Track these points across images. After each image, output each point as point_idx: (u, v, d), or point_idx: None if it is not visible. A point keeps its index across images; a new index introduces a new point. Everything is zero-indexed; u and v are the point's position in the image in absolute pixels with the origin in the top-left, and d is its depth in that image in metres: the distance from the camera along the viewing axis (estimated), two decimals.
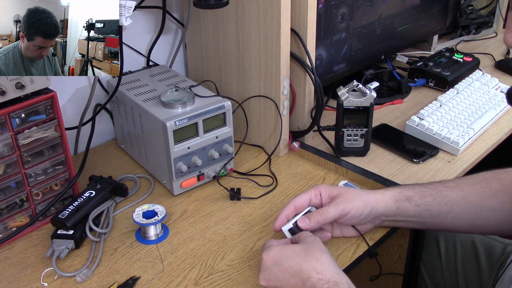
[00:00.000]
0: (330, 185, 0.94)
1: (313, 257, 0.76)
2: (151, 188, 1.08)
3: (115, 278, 0.87)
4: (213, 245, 0.94)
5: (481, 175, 0.94)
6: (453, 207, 0.90)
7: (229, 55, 1.18)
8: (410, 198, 0.89)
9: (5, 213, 0.93)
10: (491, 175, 0.93)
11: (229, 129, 1.06)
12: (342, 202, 0.87)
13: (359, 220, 0.88)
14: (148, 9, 1.25)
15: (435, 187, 0.91)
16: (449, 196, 0.90)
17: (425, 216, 0.90)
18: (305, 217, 0.86)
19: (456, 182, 0.93)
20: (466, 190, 0.91)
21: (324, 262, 0.75)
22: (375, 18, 1.32)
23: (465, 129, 1.20)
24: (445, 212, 0.90)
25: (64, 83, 1.15)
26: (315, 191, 0.91)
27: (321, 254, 0.76)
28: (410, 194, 0.90)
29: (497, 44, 1.76)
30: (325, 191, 0.90)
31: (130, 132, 1.14)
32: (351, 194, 0.89)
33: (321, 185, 0.92)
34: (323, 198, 0.90)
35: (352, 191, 0.90)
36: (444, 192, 0.90)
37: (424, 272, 1.14)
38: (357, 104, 1.09)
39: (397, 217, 0.90)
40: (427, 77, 1.45)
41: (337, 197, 0.88)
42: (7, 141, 0.89)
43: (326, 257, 0.76)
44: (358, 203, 0.87)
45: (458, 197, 0.90)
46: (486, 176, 0.93)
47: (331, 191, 0.90)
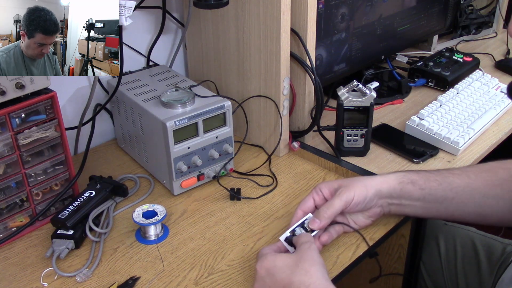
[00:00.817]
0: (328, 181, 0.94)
1: (302, 269, 0.75)
2: (151, 188, 1.08)
3: (115, 278, 0.87)
4: (213, 245, 0.94)
5: (488, 164, 0.94)
6: (458, 193, 0.89)
7: (229, 55, 1.18)
8: (415, 182, 0.89)
9: (5, 213, 0.93)
10: (498, 165, 0.93)
11: (229, 129, 1.06)
12: (344, 191, 0.87)
13: (365, 204, 0.88)
14: (148, 9, 1.25)
15: (441, 173, 0.91)
16: (454, 183, 0.90)
17: (430, 201, 0.89)
18: (314, 218, 0.86)
19: (463, 169, 0.93)
20: (472, 178, 0.90)
21: (313, 275, 0.75)
22: (375, 18, 1.32)
23: (465, 129, 1.20)
24: (450, 198, 0.89)
25: (64, 83, 1.15)
26: (315, 190, 0.91)
27: (310, 266, 0.76)
28: (414, 177, 0.90)
29: (497, 44, 1.76)
30: (325, 187, 0.91)
31: (130, 132, 1.14)
32: (352, 182, 0.90)
33: (321, 183, 0.92)
34: (325, 194, 0.90)
35: (352, 179, 0.91)
36: (450, 178, 0.90)
37: (424, 272, 1.14)
38: (357, 104, 1.09)
39: (402, 200, 0.90)
40: (427, 77, 1.45)
41: (338, 188, 0.89)
42: (7, 141, 0.89)
43: (316, 269, 0.76)
44: (360, 187, 0.88)
45: (463, 184, 0.90)
46: (493, 165, 0.93)
47: (331, 185, 0.91)
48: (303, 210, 0.90)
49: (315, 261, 0.77)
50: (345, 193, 0.87)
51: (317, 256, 0.78)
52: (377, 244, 0.94)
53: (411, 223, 1.03)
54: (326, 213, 0.86)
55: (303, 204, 0.91)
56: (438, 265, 1.11)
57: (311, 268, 0.75)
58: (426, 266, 1.13)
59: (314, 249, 0.79)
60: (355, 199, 0.87)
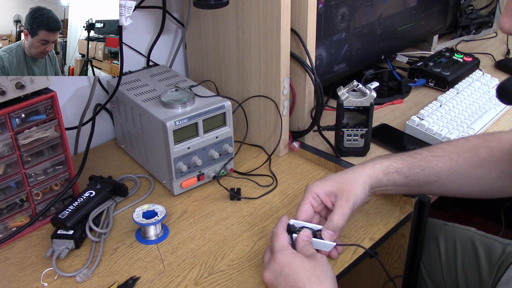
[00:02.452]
0: (319, 180, 0.90)
1: (318, 279, 0.76)
2: (151, 188, 1.08)
3: (115, 278, 0.87)
4: (213, 245, 0.94)
5: (471, 142, 0.95)
6: (441, 177, 0.92)
7: (229, 55, 1.18)
8: (399, 170, 0.91)
9: (5, 213, 0.93)
10: (481, 142, 0.94)
11: (229, 129, 1.06)
12: (348, 196, 0.86)
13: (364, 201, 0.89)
14: (148, 9, 1.25)
15: (424, 157, 0.93)
16: (437, 167, 0.92)
17: (413, 185, 0.93)
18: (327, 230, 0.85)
19: (446, 149, 0.94)
20: (455, 159, 0.92)
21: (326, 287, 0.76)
22: (375, 18, 1.32)
23: (465, 129, 1.20)
24: (432, 181, 0.92)
25: (64, 83, 1.15)
26: (311, 195, 0.89)
27: (325, 278, 0.76)
28: (399, 166, 0.91)
29: (497, 44, 1.76)
30: (321, 191, 0.88)
31: (130, 132, 1.14)
32: (348, 183, 0.87)
33: (312, 185, 0.89)
34: (322, 199, 0.89)
35: (345, 181, 0.88)
36: (433, 163, 0.92)
37: (424, 272, 1.13)
38: (357, 104, 1.09)
39: (388, 187, 0.92)
40: (427, 77, 1.45)
41: (337, 195, 0.87)
42: (7, 141, 0.89)
43: (329, 283, 0.76)
44: (359, 189, 0.87)
45: (447, 167, 0.92)
46: (475, 143, 0.95)
47: (326, 188, 0.88)
48: (303, 220, 0.88)
49: (329, 273, 0.78)
50: (351, 198, 0.86)
51: (330, 270, 0.79)
52: (377, 244, 0.94)
53: (411, 223, 1.03)
54: (339, 223, 0.85)
55: (302, 213, 0.88)
56: (438, 265, 1.11)
57: (326, 280, 0.76)
58: (426, 266, 1.13)
59: (327, 262, 0.79)
60: (359, 201, 0.87)
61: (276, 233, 0.83)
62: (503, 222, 1.70)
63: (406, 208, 1.01)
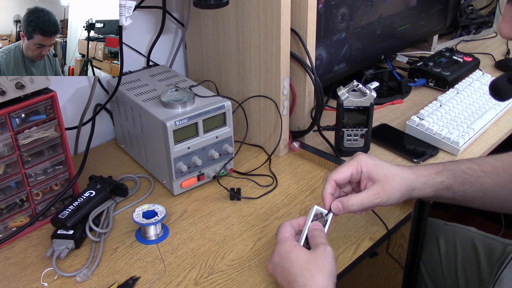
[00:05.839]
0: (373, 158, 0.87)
1: (310, 273, 0.75)
2: (151, 188, 1.08)
3: (115, 278, 0.87)
4: (213, 245, 0.94)
5: None
6: (487, 193, 0.91)
7: (229, 55, 1.18)
8: (450, 187, 0.89)
9: (5, 213, 0.93)
10: None
11: (229, 129, 1.06)
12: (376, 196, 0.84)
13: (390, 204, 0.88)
14: (148, 9, 1.25)
15: (475, 172, 0.90)
16: (486, 183, 0.90)
17: (458, 200, 0.92)
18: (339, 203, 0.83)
19: (493, 165, 0.92)
20: (502, 175, 0.91)
21: (316, 282, 0.74)
22: (375, 18, 1.32)
23: (465, 129, 1.20)
24: (478, 197, 0.91)
25: (64, 83, 1.15)
26: (358, 166, 0.86)
27: (318, 272, 0.75)
28: (451, 183, 0.89)
29: (497, 44, 1.76)
30: (365, 167, 0.86)
31: (130, 132, 1.14)
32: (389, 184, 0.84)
33: (363, 157, 0.87)
34: (363, 177, 0.86)
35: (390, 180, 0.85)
36: (482, 179, 0.90)
37: (424, 272, 1.14)
38: (357, 104, 1.09)
39: (429, 198, 0.91)
40: (427, 77, 1.45)
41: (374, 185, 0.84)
42: (7, 141, 0.89)
43: (322, 277, 0.75)
44: (395, 196, 0.84)
45: (493, 183, 0.91)
46: None
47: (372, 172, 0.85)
48: (337, 180, 0.86)
49: (325, 268, 0.76)
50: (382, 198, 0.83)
51: (329, 262, 0.77)
52: (377, 244, 0.94)
53: (411, 223, 1.03)
54: (353, 208, 0.83)
55: (339, 174, 0.86)
56: (438, 265, 1.11)
57: (318, 274, 0.75)
58: (426, 266, 1.13)
59: (327, 254, 0.78)
60: (385, 204, 0.85)
61: (281, 225, 0.83)
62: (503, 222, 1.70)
63: (406, 208, 1.01)
